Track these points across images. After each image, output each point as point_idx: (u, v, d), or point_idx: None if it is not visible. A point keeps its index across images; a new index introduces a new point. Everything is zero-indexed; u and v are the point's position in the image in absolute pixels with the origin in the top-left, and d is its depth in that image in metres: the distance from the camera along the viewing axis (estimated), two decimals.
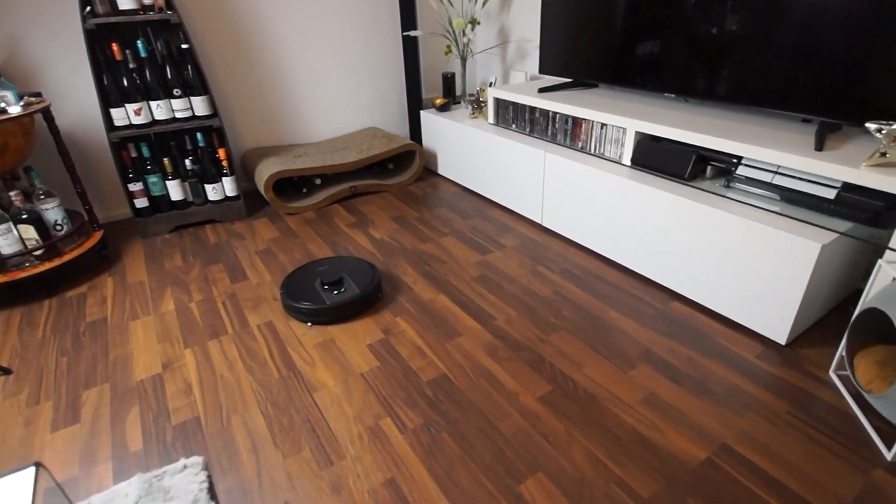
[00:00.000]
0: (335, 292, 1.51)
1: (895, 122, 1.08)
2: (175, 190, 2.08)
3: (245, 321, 1.53)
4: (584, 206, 1.76)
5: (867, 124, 1.11)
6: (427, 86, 2.80)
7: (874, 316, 1.14)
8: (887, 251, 1.14)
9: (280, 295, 1.54)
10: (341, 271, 1.61)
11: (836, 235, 1.20)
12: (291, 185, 2.34)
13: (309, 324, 1.49)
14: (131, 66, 1.89)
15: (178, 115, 1.99)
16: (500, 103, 2.16)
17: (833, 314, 1.43)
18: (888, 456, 1.02)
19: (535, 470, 1.03)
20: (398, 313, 1.53)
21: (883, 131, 1.08)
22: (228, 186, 2.15)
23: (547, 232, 1.98)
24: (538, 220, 2.01)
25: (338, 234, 2.03)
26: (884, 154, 1.11)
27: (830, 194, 1.25)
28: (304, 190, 2.33)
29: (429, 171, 2.67)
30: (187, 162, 2.09)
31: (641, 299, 1.54)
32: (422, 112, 2.54)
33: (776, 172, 1.35)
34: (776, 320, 1.31)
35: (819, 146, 1.26)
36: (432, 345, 1.39)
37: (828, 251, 1.19)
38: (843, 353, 1.18)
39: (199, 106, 2.00)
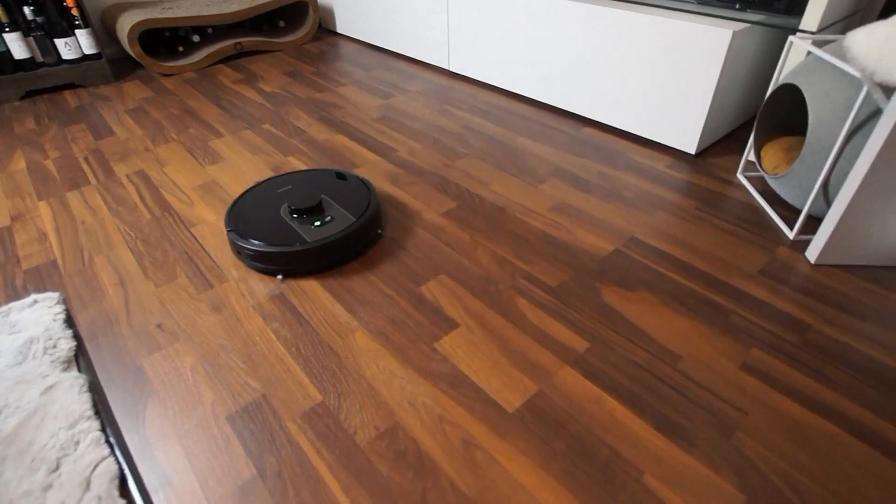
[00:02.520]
0: (316, 223, 0.99)
1: None
2: (17, 45, 1.74)
3: (111, 172, 1.32)
4: (492, 38, 1.62)
5: None
6: None
7: (783, 103, 1.11)
8: (798, 31, 1.09)
9: (227, 234, 0.99)
10: (317, 191, 1.09)
11: (748, 25, 1.14)
12: (164, 44, 2.03)
13: (279, 277, 0.96)
14: None
15: None
16: None
17: (740, 130, 1.42)
18: (790, 235, 1.02)
19: (438, 273, 0.96)
20: (289, 153, 1.37)
21: None
22: (85, 42, 1.83)
23: (455, 76, 1.84)
24: (445, 66, 1.86)
25: (222, 89, 1.80)
26: None
27: None
28: (181, 49, 2.04)
29: (327, 30, 2.41)
30: (27, 10, 1.74)
31: (553, 127, 1.47)
32: None
33: None
34: (686, 131, 1.28)
35: None
36: None
37: (739, 40, 1.13)
38: (752, 148, 1.16)
39: None
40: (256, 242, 0.95)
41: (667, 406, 0.71)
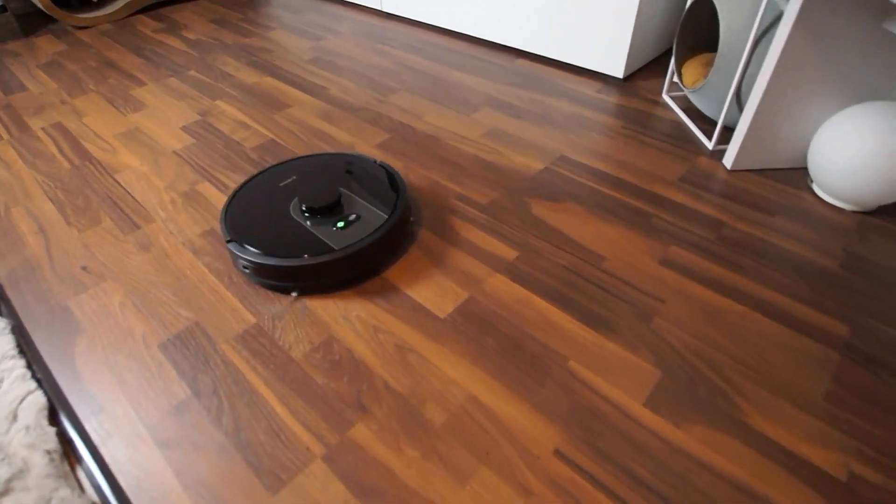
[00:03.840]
0: (339, 224, 0.80)
1: None
2: None
3: (25, 126, 1.25)
4: None
5: None
6: None
7: (701, 18, 1.14)
8: None
9: (227, 245, 0.78)
10: (328, 181, 0.88)
11: None
12: None
13: (294, 294, 0.78)
14: None
15: None
16: None
17: (667, 55, 1.45)
18: (710, 146, 1.06)
19: None
20: (217, 97, 1.32)
21: None
22: None
23: (389, 17, 1.80)
24: (378, 7, 1.81)
25: (143, 39, 1.71)
26: None
27: None
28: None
29: None
30: None
31: (487, 60, 1.46)
32: None
33: None
34: (613, 56, 1.29)
35: None
36: (257, 118, 1.23)
37: None
38: (673, 67, 1.18)
39: None
40: (266, 255, 0.75)
41: (591, 301, 0.74)
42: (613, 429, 0.59)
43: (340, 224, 0.80)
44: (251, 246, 0.77)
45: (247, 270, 0.78)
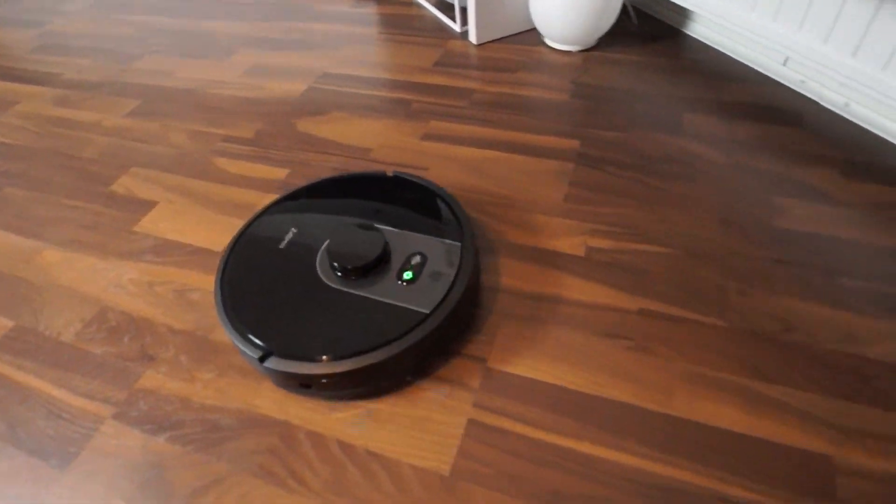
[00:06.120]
0: (407, 276, 0.54)
1: None
2: None
3: None
4: None
5: None
6: None
7: None
8: None
9: (265, 366, 0.49)
10: (351, 222, 0.60)
11: None
12: None
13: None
14: None
15: None
16: None
17: None
18: (458, 29, 1.10)
19: (129, 167, 0.89)
20: None
21: None
22: None
23: None
24: None
25: None
26: None
27: None
28: None
29: None
30: None
31: (238, 3, 1.39)
32: None
33: None
34: None
35: None
36: None
37: None
38: None
39: None
40: (337, 358, 0.48)
41: None
42: None
43: (408, 275, 0.54)
44: (305, 352, 0.49)
45: (309, 389, 0.50)
